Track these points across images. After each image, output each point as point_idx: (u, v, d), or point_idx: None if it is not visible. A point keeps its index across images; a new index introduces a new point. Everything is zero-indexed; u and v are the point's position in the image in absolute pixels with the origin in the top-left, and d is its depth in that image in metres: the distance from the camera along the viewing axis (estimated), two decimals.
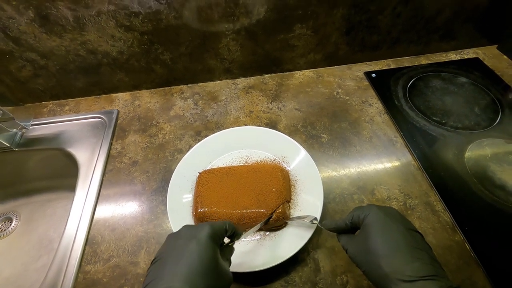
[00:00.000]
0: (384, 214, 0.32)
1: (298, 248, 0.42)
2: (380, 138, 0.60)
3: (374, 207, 0.33)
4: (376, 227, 0.31)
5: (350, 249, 0.34)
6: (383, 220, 0.31)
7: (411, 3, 0.63)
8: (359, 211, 0.34)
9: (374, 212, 0.32)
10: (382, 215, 0.32)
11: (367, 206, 0.34)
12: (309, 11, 0.61)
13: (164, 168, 0.57)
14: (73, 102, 0.70)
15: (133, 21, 0.57)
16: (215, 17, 0.59)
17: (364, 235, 0.32)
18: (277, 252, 0.43)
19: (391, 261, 0.28)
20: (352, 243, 0.34)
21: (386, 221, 0.31)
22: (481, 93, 0.67)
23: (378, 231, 0.31)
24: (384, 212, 0.32)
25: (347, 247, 0.34)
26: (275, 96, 0.69)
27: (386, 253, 0.29)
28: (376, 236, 0.30)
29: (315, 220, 0.43)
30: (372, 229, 0.31)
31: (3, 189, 0.70)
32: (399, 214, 0.33)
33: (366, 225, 0.32)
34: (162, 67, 0.67)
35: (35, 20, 0.54)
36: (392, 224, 0.31)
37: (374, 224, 0.31)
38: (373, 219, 0.32)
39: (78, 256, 0.47)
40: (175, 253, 0.30)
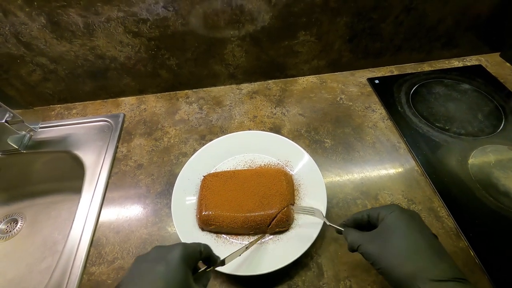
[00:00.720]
0: (409, 215, 0.32)
1: (301, 252, 0.43)
2: (383, 144, 0.60)
3: (398, 207, 0.33)
4: (401, 226, 0.31)
5: (364, 245, 0.32)
6: (407, 220, 0.31)
7: (413, 12, 0.64)
8: (380, 208, 0.34)
9: (399, 211, 0.32)
10: (407, 215, 0.32)
11: (390, 205, 0.34)
12: (313, 19, 0.62)
13: (169, 172, 0.58)
14: (80, 105, 0.72)
15: (141, 28, 0.59)
16: (221, 24, 0.60)
17: (385, 233, 0.31)
18: (280, 256, 0.43)
19: (418, 261, 0.28)
20: (367, 240, 0.33)
21: (410, 222, 0.31)
22: (484, 99, 0.67)
23: (404, 231, 0.31)
24: (409, 213, 0.33)
25: (359, 243, 0.33)
26: (279, 102, 0.70)
27: (412, 253, 0.29)
28: (401, 235, 0.30)
29: (319, 214, 0.43)
30: (396, 228, 0.31)
31: (9, 190, 0.71)
32: (421, 219, 0.33)
33: (389, 224, 0.32)
34: (168, 72, 0.69)
35: (47, 26, 0.56)
36: (417, 225, 0.31)
37: (399, 223, 0.31)
38: (398, 218, 0.32)
39: (83, 257, 0.47)
40: (138, 278, 0.27)
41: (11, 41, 0.57)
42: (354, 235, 0.34)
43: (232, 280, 0.44)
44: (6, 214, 0.70)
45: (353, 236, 0.35)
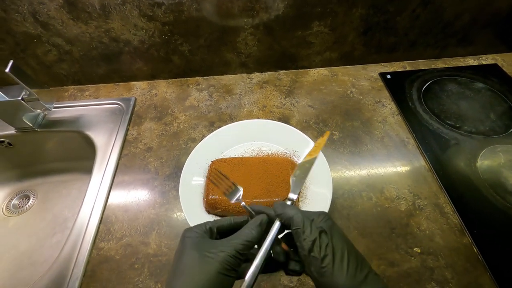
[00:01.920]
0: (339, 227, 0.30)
1: None
2: (392, 139, 0.60)
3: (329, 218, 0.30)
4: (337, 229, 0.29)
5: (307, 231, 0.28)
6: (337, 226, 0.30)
7: (430, 5, 0.63)
8: (314, 214, 0.30)
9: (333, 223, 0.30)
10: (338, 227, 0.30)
11: (322, 212, 0.31)
12: (328, 9, 0.62)
13: (177, 156, 0.59)
14: (93, 88, 0.73)
15: (156, 12, 0.59)
16: (235, 11, 0.60)
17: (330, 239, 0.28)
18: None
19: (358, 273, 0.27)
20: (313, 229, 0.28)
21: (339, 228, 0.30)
22: (498, 99, 0.66)
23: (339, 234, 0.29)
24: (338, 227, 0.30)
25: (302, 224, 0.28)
26: (289, 92, 0.70)
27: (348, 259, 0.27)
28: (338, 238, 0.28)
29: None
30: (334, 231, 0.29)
31: (22, 167, 0.73)
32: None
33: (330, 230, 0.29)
34: (180, 58, 0.69)
35: (64, 6, 0.57)
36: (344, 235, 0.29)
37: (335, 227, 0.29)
38: (336, 229, 0.29)
39: (93, 233, 0.49)
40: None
41: (29, 20, 0.58)
42: (299, 214, 0.29)
43: None
44: (19, 190, 0.72)
45: (296, 214, 0.29)
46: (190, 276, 0.26)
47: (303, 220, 0.29)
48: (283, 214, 0.30)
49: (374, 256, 0.45)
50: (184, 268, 0.27)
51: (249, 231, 0.29)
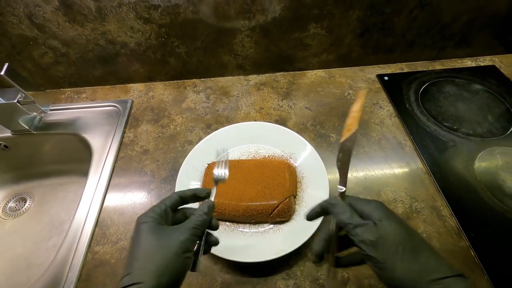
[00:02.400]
0: (396, 216, 0.30)
1: (301, 242, 0.43)
2: (389, 141, 0.60)
3: (382, 204, 0.31)
4: (395, 226, 0.28)
5: (361, 230, 0.29)
6: (399, 221, 0.29)
7: (428, 7, 0.63)
8: (362, 203, 0.31)
9: (387, 210, 0.30)
10: (396, 216, 0.30)
11: (372, 201, 0.31)
12: (325, 11, 0.62)
13: (174, 158, 0.59)
14: (90, 90, 0.73)
15: (152, 14, 0.59)
16: (232, 13, 0.60)
17: (379, 229, 0.28)
18: (280, 245, 0.44)
19: (423, 260, 0.27)
20: (363, 226, 0.29)
21: (402, 223, 0.29)
22: (496, 101, 0.66)
23: (400, 231, 0.28)
24: (395, 214, 0.30)
25: (356, 223, 0.29)
26: (286, 94, 0.70)
27: (413, 252, 0.27)
28: (398, 235, 0.28)
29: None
30: (391, 228, 0.28)
31: (19, 170, 0.72)
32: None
33: (381, 221, 0.29)
34: (177, 60, 0.69)
35: (60, 8, 0.56)
36: (409, 227, 0.29)
37: (393, 224, 0.29)
38: (388, 218, 0.29)
39: (88, 236, 0.48)
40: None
41: (25, 23, 0.58)
42: (353, 216, 0.30)
43: (232, 266, 0.45)
44: (16, 193, 0.72)
45: (351, 216, 0.30)
46: (150, 259, 0.28)
47: (351, 218, 0.29)
48: (334, 214, 0.31)
49: None
50: (142, 252, 0.29)
51: (200, 218, 0.32)
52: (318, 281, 0.43)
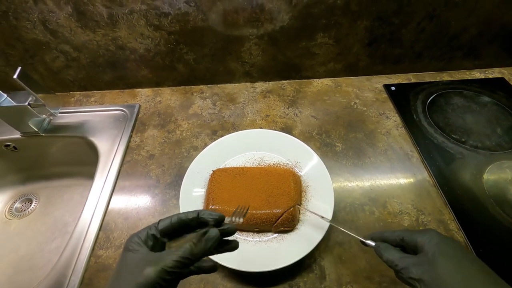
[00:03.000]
0: (452, 241, 0.30)
1: (305, 253, 0.43)
2: (396, 152, 0.59)
3: (436, 232, 0.31)
4: (448, 254, 0.29)
5: (409, 269, 0.29)
6: (453, 248, 0.29)
7: (436, 19, 0.63)
8: (416, 234, 0.32)
9: (440, 238, 0.30)
10: (450, 242, 0.30)
11: (427, 230, 0.32)
12: (333, 21, 0.62)
13: (179, 164, 0.59)
14: (99, 94, 0.74)
15: (162, 21, 0.60)
16: (240, 22, 0.61)
17: (431, 260, 0.29)
18: (283, 255, 0.43)
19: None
20: (411, 263, 0.30)
21: (457, 249, 0.29)
22: (505, 113, 0.65)
23: (454, 259, 0.28)
24: (451, 240, 0.31)
25: (402, 265, 0.30)
26: (292, 102, 0.70)
27: (469, 282, 0.27)
28: (451, 263, 0.28)
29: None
30: (444, 256, 0.28)
31: (26, 171, 0.73)
32: (460, 245, 0.31)
33: (434, 250, 0.29)
34: (185, 66, 0.70)
35: (73, 15, 0.58)
36: (463, 252, 0.29)
37: (446, 251, 0.29)
38: (442, 245, 0.29)
39: (92, 240, 0.48)
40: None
41: (39, 28, 0.60)
42: (395, 255, 0.31)
43: (234, 275, 0.44)
44: (22, 194, 0.73)
45: (394, 255, 0.31)
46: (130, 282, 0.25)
47: (400, 262, 0.30)
48: (385, 260, 0.32)
49: (376, 273, 0.44)
50: (123, 277, 0.26)
51: (190, 247, 0.27)
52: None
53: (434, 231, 0.31)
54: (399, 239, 0.33)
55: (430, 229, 0.32)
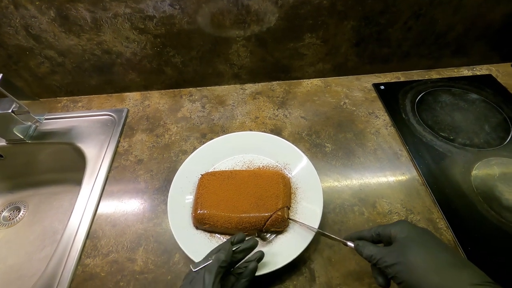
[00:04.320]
0: (421, 230, 0.33)
1: (294, 256, 0.42)
2: (385, 151, 0.59)
3: (408, 223, 0.34)
4: (418, 241, 0.32)
5: (384, 259, 0.32)
6: (422, 235, 0.33)
7: (422, 18, 0.63)
8: (390, 226, 0.35)
9: (410, 227, 0.33)
10: (420, 230, 0.33)
11: (399, 222, 0.35)
12: (320, 21, 0.62)
13: (168, 168, 0.58)
14: (86, 99, 0.73)
15: (147, 24, 0.59)
16: (227, 24, 0.60)
17: (403, 248, 0.32)
18: (272, 258, 0.43)
19: (445, 271, 0.29)
20: (386, 253, 0.33)
21: (425, 236, 0.33)
22: (492, 110, 0.66)
23: (422, 245, 0.31)
24: (421, 229, 0.34)
25: (378, 256, 0.33)
26: (281, 103, 0.70)
27: (436, 264, 0.29)
28: (421, 249, 0.31)
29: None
30: (414, 243, 0.32)
31: (14, 179, 0.72)
32: (433, 233, 0.34)
33: (405, 240, 0.32)
34: (172, 69, 0.69)
35: (56, 19, 0.57)
36: (433, 239, 0.32)
37: (416, 238, 0.32)
38: (412, 233, 0.33)
39: (79, 249, 0.48)
40: None
41: (21, 33, 0.58)
42: (373, 249, 0.34)
43: None
44: (10, 202, 0.72)
45: (371, 250, 0.34)
46: None
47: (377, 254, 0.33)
48: (365, 256, 0.35)
49: (366, 274, 0.44)
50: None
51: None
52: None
53: (405, 221, 0.35)
54: (375, 235, 0.36)
55: (401, 220, 0.35)
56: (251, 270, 0.37)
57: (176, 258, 0.46)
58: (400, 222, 0.35)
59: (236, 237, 0.39)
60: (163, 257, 0.46)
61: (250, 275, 0.37)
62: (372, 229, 0.37)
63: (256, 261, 0.38)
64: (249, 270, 0.37)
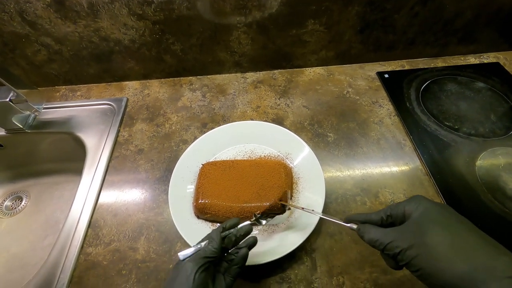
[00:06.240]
0: (441, 207, 0.27)
1: (296, 245, 0.42)
2: (388, 141, 0.58)
3: (424, 198, 0.28)
4: (438, 220, 0.26)
5: (394, 243, 0.27)
6: (443, 213, 0.27)
7: (429, 3, 0.61)
8: (403, 204, 0.29)
9: (429, 203, 0.27)
10: (439, 207, 0.27)
11: (414, 197, 0.29)
12: (323, 7, 0.60)
13: (168, 158, 0.58)
14: (85, 88, 0.72)
15: (145, 10, 0.57)
16: (227, 9, 0.59)
17: (418, 230, 0.26)
18: (274, 247, 0.43)
19: (474, 258, 0.24)
20: (395, 237, 0.27)
21: (447, 214, 0.27)
22: (499, 99, 0.64)
23: (444, 225, 0.26)
24: (440, 205, 0.28)
25: (385, 241, 0.27)
26: (283, 92, 0.68)
27: (463, 249, 0.24)
28: (441, 231, 0.25)
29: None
30: (433, 223, 0.26)
31: (15, 168, 0.72)
32: (454, 210, 0.28)
33: (422, 218, 0.26)
34: (172, 57, 0.68)
35: (51, 5, 0.55)
36: (455, 217, 0.27)
37: (435, 217, 0.26)
38: (431, 211, 0.27)
39: (81, 238, 0.48)
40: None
41: (16, 20, 0.57)
42: (376, 233, 0.29)
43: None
44: (12, 192, 0.72)
45: (375, 233, 0.29)
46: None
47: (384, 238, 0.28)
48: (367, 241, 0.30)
49: (367, 264, 0.43)
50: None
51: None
52: (312, 284, 0.42)
53: (421, 196, 0.29)
54: (386, 217, 0.30)
55: (417, 196, 0.29)
56: (242, 256, 0.35)
57: (177, 247, 0.46)
58: (416, 198, 0.29)
59: (229, 223, 0.37)
60: (165, 246, 0.46)
61: (240, 262, 0.35)
62: (381, 210, 0.31)
63: (247, 248, 0.36)
64: (240, 257, 0.35)
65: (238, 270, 0.35)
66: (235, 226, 0.37)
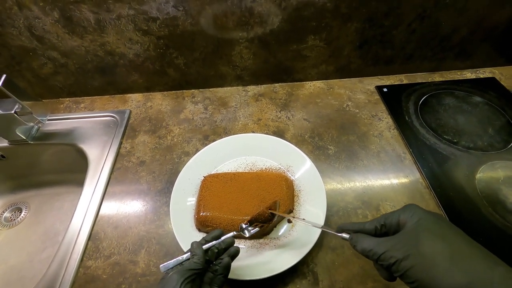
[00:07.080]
0: (436, 216, 0.28)
1: (297, 260, 0.42)
2: (388, 154, 0.59)
3: (418, 207, 0.28)
4: (434, 229, 0.26)
5: (388, 253, 0.26)
6: (438, 222, 0.27)
7: (426, 20, 0.63)
8: (397, 212, 0.29)
9: (423, 212, 0.28)
10: (434, 217, 0.27)
11: (408, 206, 0.29)
12: (323, 24, 0.62)
13: (170, 170, 0.58)
14: (88, 100, 0.73)
15: (150, 26, 0.59)
16: (230, 25, 0.60)
17: (413, 239, 0.26)
18: (275, 262, 0.43)
19: (471, 267, 0.24)
20: (388, 247, 0.27)
21: (442, 223, 0.27)
22: (496, 113, 0.65)
23: (439, 234, 0.26)
24: (435, 214, 0.28)
25: (379, 251, 0.27)
26: (284, 105, 0.69)
27: (460, 259, 0.24)
28: (437, 240, 0.25)
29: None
30: (428, 232, 0.26)
31: (16, 179, 0.72)
32: (447, 219, 0.29)
33: (417, 227, 0.26)
34: (175, 71, 0.69)
35: (59, 20, 0.57)
36: (450, 227, 0.27)
37: (430, 226, 0.26)
38: (425, 220, 0.27)
39: (81, 250, 0.47)
40: None
41: (25, 34, 0.58)
42: (370, 243, 0.28)
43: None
44: (11, 203, 0.72)
45: (369, 243, 0.28)
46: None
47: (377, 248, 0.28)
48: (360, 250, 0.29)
49: (369, 278, 0.43)
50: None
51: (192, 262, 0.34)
52: None
53: (415, 205, 0.29)
54: (379, 225, 0.30)
55: (410, 205, 0.29)
56: (224, 266, 0.35)
57: None
58: (410, 207, 0.29)
59: (211, 234, 0.37)
60: (165, 260, 0.46)
61: (224, 271, 0.35)
62: (375, 219, 0.30)
63: (229, 256, 0.36)
64: (222, 267, 0.35)
65: (223, 279, 0.35)
66: (218, 237, 0.38)
